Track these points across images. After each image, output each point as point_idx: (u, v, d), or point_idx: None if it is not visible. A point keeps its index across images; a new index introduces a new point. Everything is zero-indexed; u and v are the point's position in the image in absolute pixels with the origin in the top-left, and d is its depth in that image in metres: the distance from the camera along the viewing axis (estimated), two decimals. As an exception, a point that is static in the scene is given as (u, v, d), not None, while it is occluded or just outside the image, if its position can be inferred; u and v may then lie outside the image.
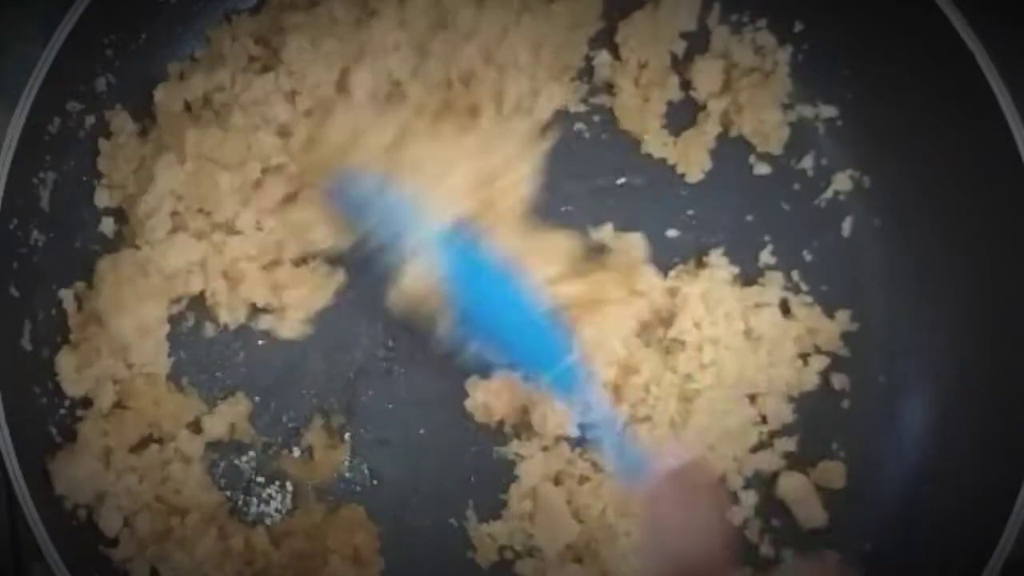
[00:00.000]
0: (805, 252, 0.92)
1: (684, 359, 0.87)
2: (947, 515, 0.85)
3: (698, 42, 0.94)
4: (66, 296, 0.86)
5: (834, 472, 0.89)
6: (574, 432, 0.86)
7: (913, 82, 0.88)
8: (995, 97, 0.83)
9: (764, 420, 0.89)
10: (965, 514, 0.83)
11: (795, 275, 0.92)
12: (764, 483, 0.89)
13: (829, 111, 0.93)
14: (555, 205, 0.90)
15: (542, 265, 0.83)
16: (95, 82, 0.87)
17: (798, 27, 0.93)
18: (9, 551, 0.87)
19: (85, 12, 0.81)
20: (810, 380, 0.90)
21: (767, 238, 0.92)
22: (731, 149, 0.93)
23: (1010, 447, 0.82)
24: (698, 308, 0.87)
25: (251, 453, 0.89)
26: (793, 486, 0.89)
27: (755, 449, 0.89)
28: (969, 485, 0.85)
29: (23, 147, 0.80)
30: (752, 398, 0.89)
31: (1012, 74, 0.83)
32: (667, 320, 0.88)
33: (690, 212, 0.92)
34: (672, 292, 0.88)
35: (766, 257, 0.92)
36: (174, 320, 0.88)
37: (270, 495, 0.89)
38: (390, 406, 0.90)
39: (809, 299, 0.91)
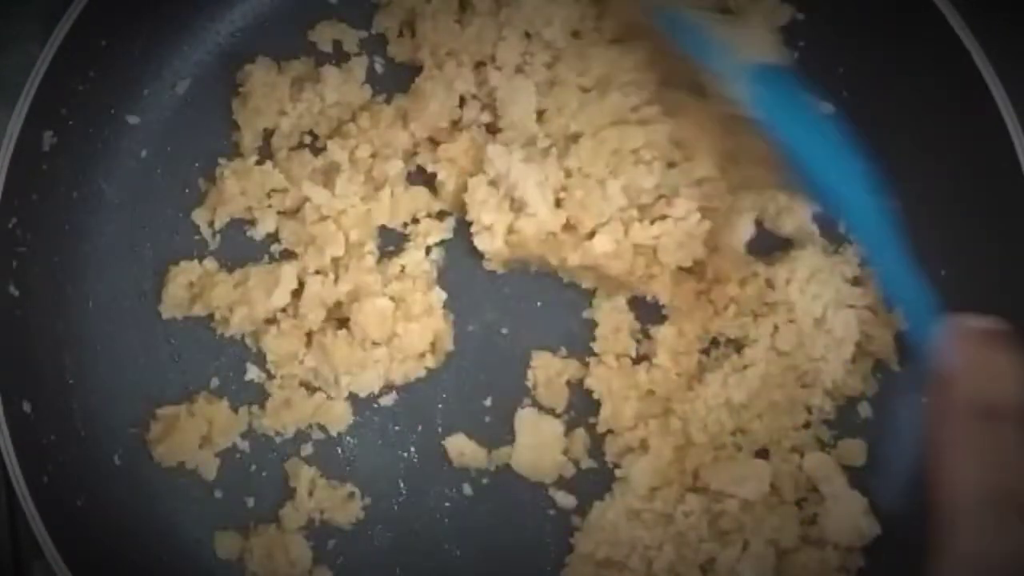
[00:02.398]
0: (802, 248, 0.93)
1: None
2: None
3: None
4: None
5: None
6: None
7: (909, 80, 0.88)
8: (991, 95, 0.83)
9: (809, 411, 0.89)
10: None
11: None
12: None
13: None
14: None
15: None
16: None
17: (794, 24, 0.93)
18: (9, 551, 0.87)
19: (84, 10, 0.81)
20: (855, 386, 0.90)
21: (763, 234, 0.93)
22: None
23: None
24: (804, 271, 0.88)
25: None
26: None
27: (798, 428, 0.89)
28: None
29: (22, 146, 0.80)
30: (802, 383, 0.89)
31: (1009, 72, 0.83)
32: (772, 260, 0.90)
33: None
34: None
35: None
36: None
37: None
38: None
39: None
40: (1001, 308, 0.84)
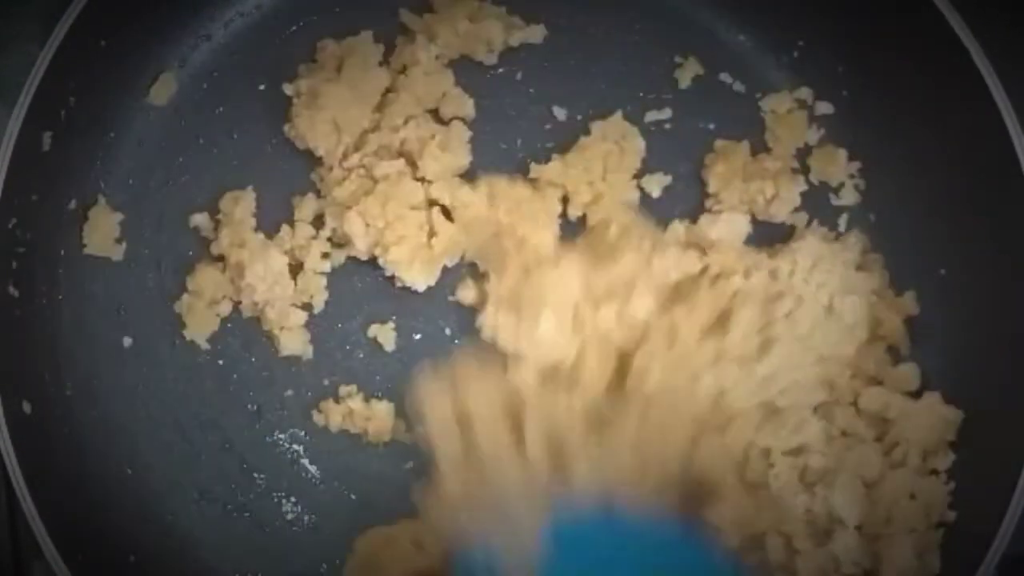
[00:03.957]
0: (802, 247, 0.92)
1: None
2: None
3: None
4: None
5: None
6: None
7: (909, 79, 0.89)
8: (991, 94, 0.83)
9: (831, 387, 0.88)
10: (962, 511, 0.84)
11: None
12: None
13: (824, 108, 0.94)
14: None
15: None
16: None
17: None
18: (9, 551, 0.87)
19: (84, 10, 0.81)
20: (875, 369, 0.89)
21: (763, 233, 0.93)
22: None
23: (1007, 446, 0.82)
24: (806, 261, 0.87)
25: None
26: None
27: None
28: (965, 484, 0.85)
29: (22, 146, 0.80)
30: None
31: (1009, 72, 0.83)
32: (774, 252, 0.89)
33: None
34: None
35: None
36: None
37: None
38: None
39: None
40: (1001, 308, 0.85)
